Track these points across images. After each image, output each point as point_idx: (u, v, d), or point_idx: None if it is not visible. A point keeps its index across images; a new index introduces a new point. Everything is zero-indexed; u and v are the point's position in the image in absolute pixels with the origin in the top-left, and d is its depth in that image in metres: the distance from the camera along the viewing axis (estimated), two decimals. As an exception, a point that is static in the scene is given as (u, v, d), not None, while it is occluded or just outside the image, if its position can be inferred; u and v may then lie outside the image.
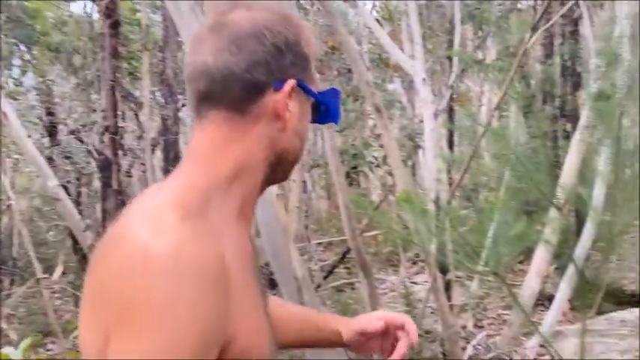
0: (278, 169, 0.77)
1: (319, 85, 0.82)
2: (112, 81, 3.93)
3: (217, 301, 0.62)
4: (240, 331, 0.66)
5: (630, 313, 3.14)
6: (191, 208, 0.66)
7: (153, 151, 8.16)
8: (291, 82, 0.73)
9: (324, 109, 0.81)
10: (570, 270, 3.16)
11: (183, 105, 9.96)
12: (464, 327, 4.15)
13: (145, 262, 0.60)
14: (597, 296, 2.30)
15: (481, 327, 4.51)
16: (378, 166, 5.77)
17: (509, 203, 2.47)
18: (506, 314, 4.76)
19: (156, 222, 0.63)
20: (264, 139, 0.74)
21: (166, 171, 5.84)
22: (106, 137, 3.90)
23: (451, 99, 5.91)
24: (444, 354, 3.35)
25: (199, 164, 0.73)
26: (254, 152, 0.73)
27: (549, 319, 3.27)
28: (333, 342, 1.00)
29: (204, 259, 0.62)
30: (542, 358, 3.17)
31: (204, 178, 0.71)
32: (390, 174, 4.59)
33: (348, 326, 0.98)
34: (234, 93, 0.71)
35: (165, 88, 5.67)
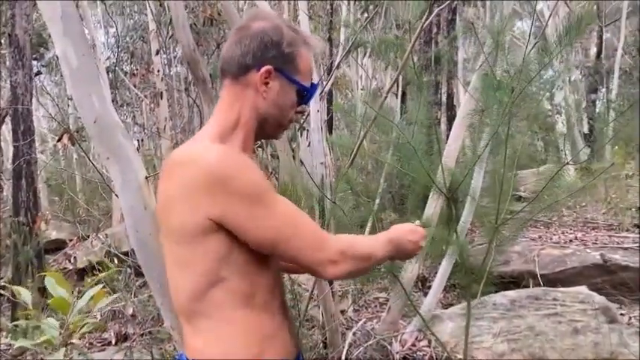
0: (265, 127, 1.23)
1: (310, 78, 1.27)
2: (-58, 36, 3.27)
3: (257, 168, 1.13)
4: None
5: (502, 297, 3.23)
6: (213, 140, 1.16)
7: (2, 122, 7.18)
8: (266, 67, 1.18)
9: (306, 95, 1.25)
10: (448, 255, 3.19)
11: (38, 72, 8.89)
12: (342, 311, 4.10)
13: (211, 165, 1.07)
14: (479, 282, 2.30)
15: (358, 310, 4.51)
16: (261, 147, 5.56)
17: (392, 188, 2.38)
18: (383, 297, 4.82)
19: (200, 146, 1.15)
20: (252, 102, 1.20)
21: (16, 147, 5.10)
22: None
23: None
24: (324, 342, 3.25)
25: (217, 116, 1.22)
26: (246, 111, 1.20)
27: (427, 302, 3.29)
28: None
29: (238, 154, 1.15)
30: (419, 343, 3.18)
31: (218, 125, 1.19)
32: (273, 155, 4.40)
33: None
34: (233, 69, 1.20)
35: (15, 51, 4.90)
